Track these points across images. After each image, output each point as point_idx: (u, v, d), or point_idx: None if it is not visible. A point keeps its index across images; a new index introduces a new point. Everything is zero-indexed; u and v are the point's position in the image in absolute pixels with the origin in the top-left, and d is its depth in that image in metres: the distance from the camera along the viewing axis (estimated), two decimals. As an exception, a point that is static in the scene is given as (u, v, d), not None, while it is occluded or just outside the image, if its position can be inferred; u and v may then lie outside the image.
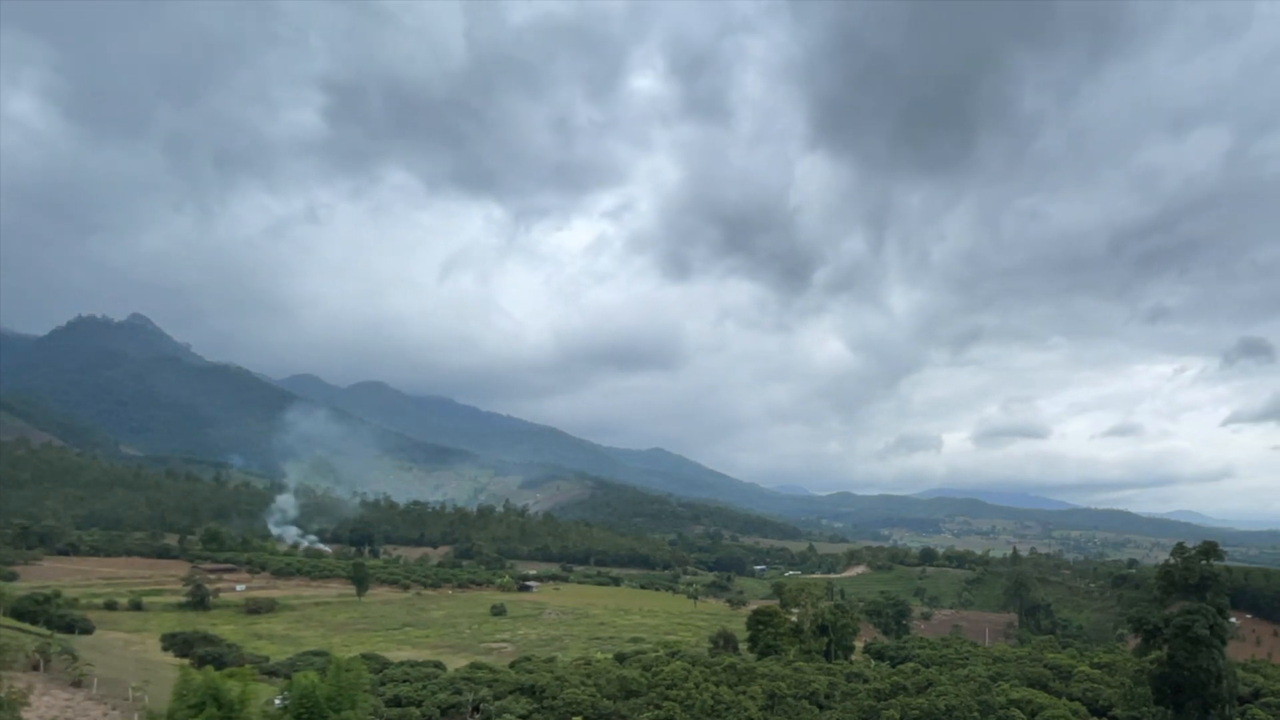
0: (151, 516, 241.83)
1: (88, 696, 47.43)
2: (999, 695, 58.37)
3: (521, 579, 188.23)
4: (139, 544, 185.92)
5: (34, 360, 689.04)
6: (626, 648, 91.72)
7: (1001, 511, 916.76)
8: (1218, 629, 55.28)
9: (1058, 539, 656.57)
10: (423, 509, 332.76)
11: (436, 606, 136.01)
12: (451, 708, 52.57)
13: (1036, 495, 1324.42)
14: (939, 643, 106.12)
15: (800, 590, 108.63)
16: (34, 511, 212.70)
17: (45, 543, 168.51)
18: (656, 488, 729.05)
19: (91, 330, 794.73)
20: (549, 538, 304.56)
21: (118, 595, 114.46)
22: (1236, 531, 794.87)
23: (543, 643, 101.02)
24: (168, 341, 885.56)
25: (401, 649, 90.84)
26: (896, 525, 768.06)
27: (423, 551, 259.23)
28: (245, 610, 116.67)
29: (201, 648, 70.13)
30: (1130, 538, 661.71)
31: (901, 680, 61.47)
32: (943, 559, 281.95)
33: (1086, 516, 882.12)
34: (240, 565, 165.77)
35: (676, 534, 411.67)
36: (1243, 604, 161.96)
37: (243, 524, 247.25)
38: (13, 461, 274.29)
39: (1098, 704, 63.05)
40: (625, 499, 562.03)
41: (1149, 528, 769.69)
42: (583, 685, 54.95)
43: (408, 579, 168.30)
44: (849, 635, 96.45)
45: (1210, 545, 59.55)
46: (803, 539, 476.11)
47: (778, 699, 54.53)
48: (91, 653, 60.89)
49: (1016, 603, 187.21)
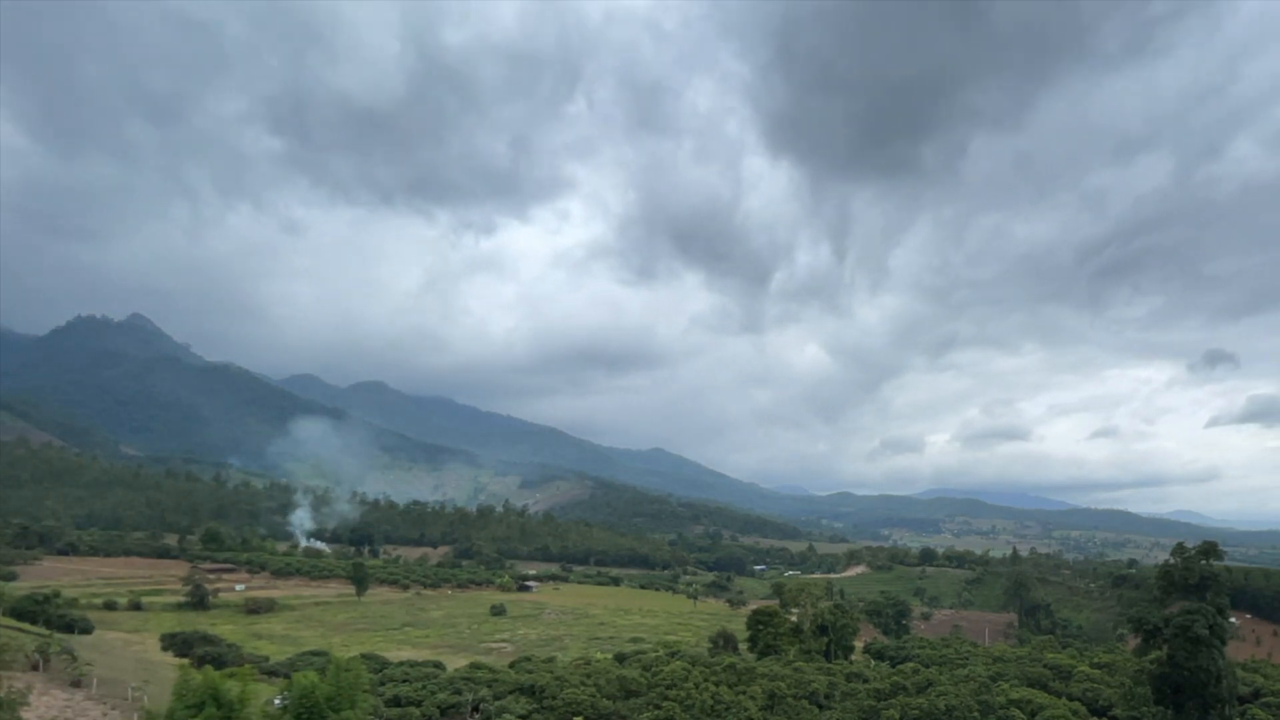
0: (151, 516, 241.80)
1: (87, 696, 47.39)
2: (999, 695, 58.36)
3: (521, 579, 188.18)
4: (138, 544, 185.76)
5: (34, 360, 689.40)
6: (626, 648, 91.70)
7: (1001, 511, 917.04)
8: (1218, 629, 55.26)
9: (1057, 539, 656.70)
10: (422, 509, 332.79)
11: (436, 606, 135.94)
12: (451, 708, 52.53)
13: (1036, 495, 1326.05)
14: (939, 643, 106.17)
15: (800, 590, 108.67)
16: (34, 511, 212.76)
17: (45, 542, 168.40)
18: (656, 488, 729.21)
19: (91, 330, 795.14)
20: (549, 538, 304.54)
21: (117, 595, 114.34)
22: (1236, 531, 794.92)
23: (542, 643, 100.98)
24: (167, 341, 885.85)
25: (401, 649, 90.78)
26: (896, 525, 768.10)
27: (422, 551, 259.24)
28: (245, 610, 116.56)
29: (201, 648, 70.04)
30: (1130, 538, 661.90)
31: (901, 680, 61.43)
32: (942, 559, 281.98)
33: (1086, 516, 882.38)
34: (240, 565, 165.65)
35: (676, 534, 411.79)
36: (1243, 604, 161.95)
37: (243, 524, 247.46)
38: (13, 461, 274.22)
39: (1098, 704, 63.04)
40: (625, 499, 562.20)
41: (1149, 528, 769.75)
42: (583, 685, 54.91)
43: (407, 579, 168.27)
44: (849, 635, 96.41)
45: (1210, 545, 59.52)
46: (802, 539, 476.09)
47: (778, 699, 54.50)
48: (91, 653, 60.86)
49: (1016, 603, 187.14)
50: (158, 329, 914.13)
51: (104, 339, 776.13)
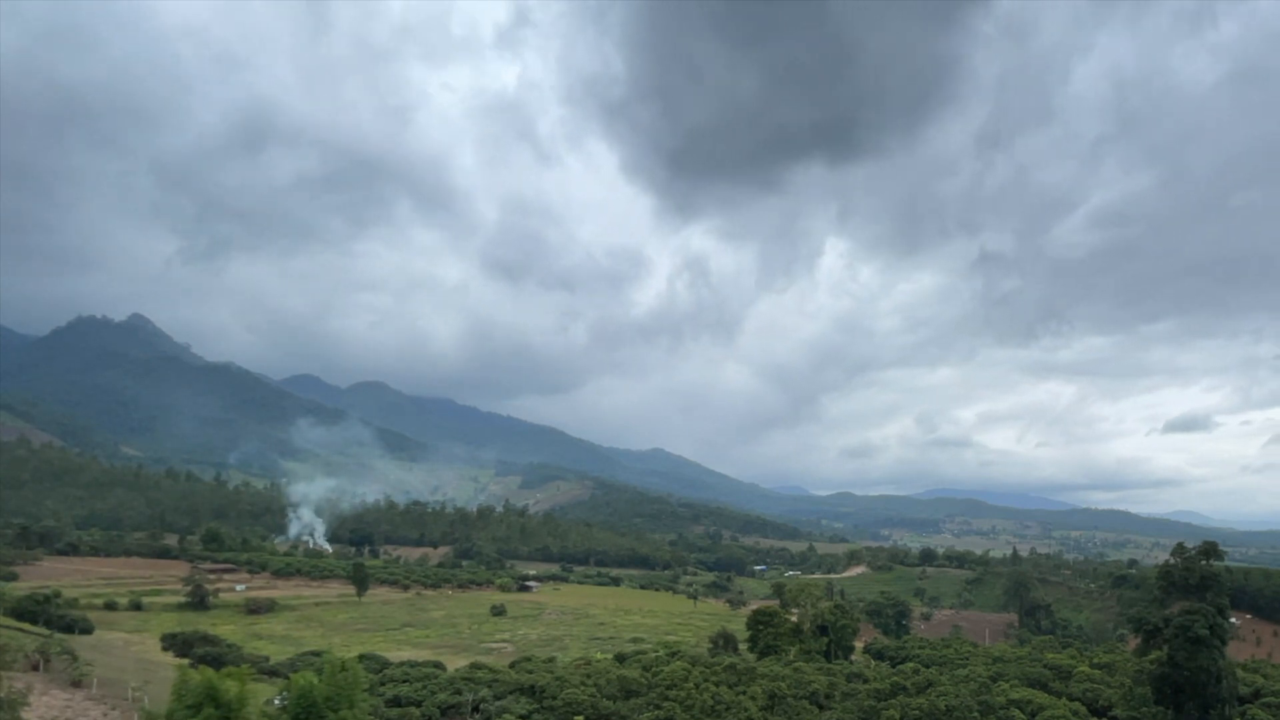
0: (151, 517, 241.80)
1: (87, 696, 47.40)
2: (999, 695, 58.37)
3: (521, 579, 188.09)
4: (139, 544, 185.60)
5: (34, 360, 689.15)
6: (626, 648, 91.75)
7: (1001, 511, 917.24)
8: (1218, 629, 55.30)
9: (1058, 539, 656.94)
10: (423, 509, 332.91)
11: (436, 607, 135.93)
12: (451, 708, 52.52)
13: (1036, 495, 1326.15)
14: (939, 643, 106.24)
15: (800, 590, 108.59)
16: (34, 511, 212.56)
17: (45, 543, 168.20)
18: (656, 488, 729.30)
19: (91, 330, 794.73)
20: (549, 538, 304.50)
21: (117, 595, 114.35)
22: (1236, 531, 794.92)
23: (543, 643, 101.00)
24: (168, 341, 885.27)
25: (401, 649, 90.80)
26: (896, 525, 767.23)
27: (423, 551, 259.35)
28: (245, 610, 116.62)
29: (201, 648, 70.05)
30: (1130, 538, 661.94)
31: (901, 680, 61.40)
32: (943, 559, 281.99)
33: (1086, 517, 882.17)
34: (240, 565, 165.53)
35: (676, 534, 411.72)
36: (1243, 604, 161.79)
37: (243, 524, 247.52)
38: (13, 461, 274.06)
39: (1098, 704, 63.05)
40: (625, 499, 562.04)
41: (1149, 528, 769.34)
42: (583, 685, 54.91)
43: (408, 579, 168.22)
44: (849, 635, 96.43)
45: (1210, 545, 59.62)
46: (803, 539, 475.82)
47: (778, 699, 54.50)
48: (91, 653, 60.90)
49: (1016, 603, 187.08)
50: (158, 329, 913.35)
51: (104, 339, 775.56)
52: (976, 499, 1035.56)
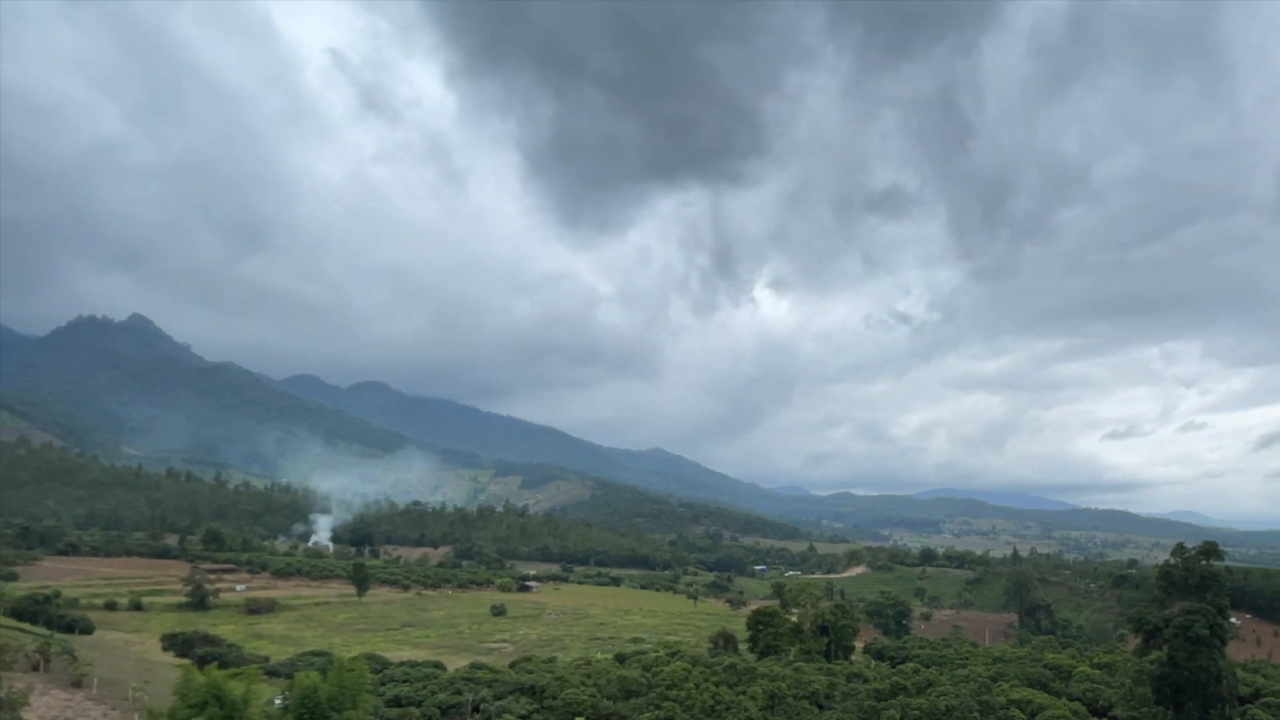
0: (151, 517, 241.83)
1: (88, 697, 47.43)
2: (999, 695, 58.36)
3: (521, 579, 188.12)
4: (139, 544, 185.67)
5: (34, 360, 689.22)
6: (626, 648, 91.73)
7: (1001, 512, 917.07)
8: (1218, 629, 55.31)
9: (1058, 539, 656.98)
10: (423, 509, 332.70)
11: (436, 607, 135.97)
12: (451, 708, 52.55)
13: (1036, 495, 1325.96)
14: (939, 643, 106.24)
15: (800, 590, 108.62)
16: (34, 511, 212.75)
17: (45, 543, 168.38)
18: (656, 488, 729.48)
19: (91, 330, 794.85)
20: (549, 538, 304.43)
21: (118, 595, 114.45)
22: (1236, 531, 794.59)
23: (543, 643, 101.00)
24: (168, 341, 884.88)
25: (401, 649, 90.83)
26: (896, 525, 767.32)
27: (423, 552, 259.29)
28: (245, 610, 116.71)
29: (201, 648, 70.11)
30: (1130, 538, 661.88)
31: (901, 680, 61.39)
32: (943, 559, 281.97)
33: (1087, 516, 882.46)
34: (240, 565, 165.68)
35: (676, 534, 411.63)
36: (1243, 604, 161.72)
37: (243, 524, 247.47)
38: (13, 461, 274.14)
39: (1098, 704, 63.07)
40: (625, 499, 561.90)
41: (1149, 528, 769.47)
42: (583, 685, 54.93)
43: (408, 579, 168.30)
44: (849, 635, 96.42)
45: (1210, 545, 59.58)
46: (803, 539, 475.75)
47: (778, 699, 54.52)
48: (91, 653, 60.94)
49: (1017, 603, 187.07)
50: (158, 329, 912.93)
51: (104, 339, 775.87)
52: (976, 499, 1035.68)
